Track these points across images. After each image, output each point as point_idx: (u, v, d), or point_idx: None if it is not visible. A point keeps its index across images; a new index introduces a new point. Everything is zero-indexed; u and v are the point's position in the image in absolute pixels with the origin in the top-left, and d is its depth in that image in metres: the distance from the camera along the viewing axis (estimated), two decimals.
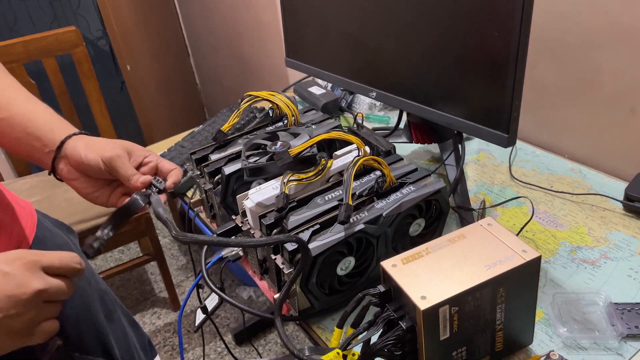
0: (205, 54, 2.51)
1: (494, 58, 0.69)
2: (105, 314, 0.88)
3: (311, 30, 1.04)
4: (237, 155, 0.89)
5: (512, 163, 1.02)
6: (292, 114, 0.93)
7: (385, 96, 0.92)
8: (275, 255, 0.71)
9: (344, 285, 0.73)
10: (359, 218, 0.70)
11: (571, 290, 0.72)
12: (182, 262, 2.11)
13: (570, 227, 0.84)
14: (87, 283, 0.85)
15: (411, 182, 0.76)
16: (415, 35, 0.81)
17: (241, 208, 0.79)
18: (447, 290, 0.55)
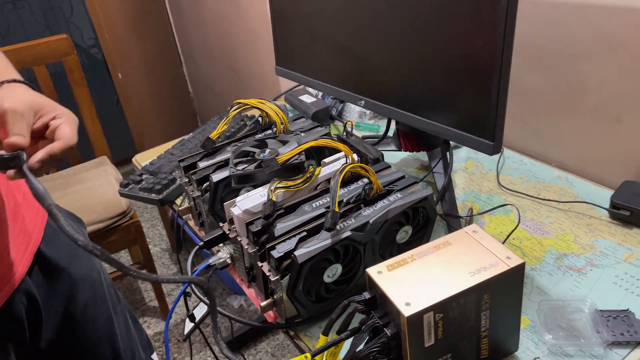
0: (198, 63, 2.52)
1: (479, 67, 0.70)
2: (112, 305, 0.93)
3: (301, 39, 1.05)
4: (225, 162, 0.89)
5: (500, 171, 1.02)
6: (281, 122, 0.93)
7: (374, 104, 0.93)
8: (262, 262, 0.71)
9: (331, 292, 0.73)
10: (345, 225, 0.71)
11: (557, 298, 0.73)
12: (173, 271, 2.10)
13: (557, 235, 0.84)
14: (98, 273, 0.91)
15: (398, 189, 0.76)
16: (403, 45, 0.82)
17: (228, 215, 0.79)
18: (432, 296, 0.55)
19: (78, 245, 0.49)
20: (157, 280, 0.54)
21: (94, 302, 0.87)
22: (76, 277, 0.84)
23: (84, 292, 0.84)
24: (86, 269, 0.87)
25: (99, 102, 1.85)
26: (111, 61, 2.32)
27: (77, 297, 0.83)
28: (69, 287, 0.82)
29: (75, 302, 0.83)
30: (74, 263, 0.84)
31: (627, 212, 0.84)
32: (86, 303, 0.85)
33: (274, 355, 1.68)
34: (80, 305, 0.84)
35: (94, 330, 0.87)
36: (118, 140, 2.56)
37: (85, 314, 0.85)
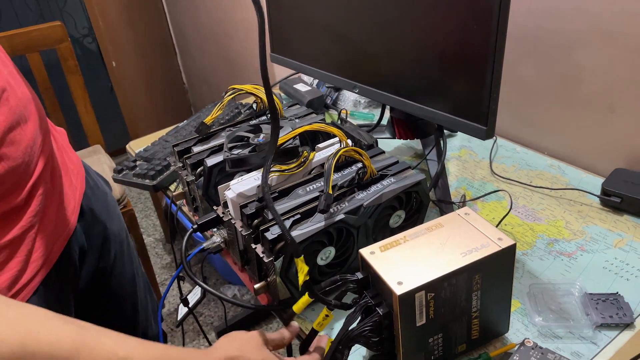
0: (193, 53, 2.51)
1: (473, 51, 0.70)
2: (135, 266, 1.00)
3: (296, 25, 1.05)
4: (219, 147, 0.89)
5: (493, 159, 1.03)
6: None
7: (368, 90, 0.93)
8: (255, 244, 0.71)
9: (325, 275, 0.74)
10: (339, 208, 0.71)
11: (547, 281, 0.74)
12: (167, 261, 2.10)
13: (548, 221, 0.85)
14: (126, 234, 0.97)
15: (392, 174, 0.77)
16: (398, 30, 0.82)
17: (222, 199, 0.79)
18: (424, 276, 0.56)
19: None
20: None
21: (122, 259, 0.94)
22: (110, 232, 0.90)
23: (115, 248, 0.91)
24: (118, 227, 0.93)
25: (92, 92, 1.84)
26: (105, 49, 2.31)
27: (109, 251, 0.90)
28: (103, 240, 0.88)
29: (107, 256, 0.89)
30: (110, 219, 0.90)
31: (618, 199, 0.85)
32: (116, 258, 0.92)
33: None
34: (111, 260, 0.90)
35: (120, 285, 0.94)
36: (112, 131, 2.55)
37: (114, 269, 0.91)
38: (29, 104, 0.69)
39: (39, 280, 0.69)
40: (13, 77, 0.67)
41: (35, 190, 0.68)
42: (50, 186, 0.73)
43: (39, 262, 0.68)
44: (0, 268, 0.63)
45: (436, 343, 0.60)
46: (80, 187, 0.84)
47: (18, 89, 0.67)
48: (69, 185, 0.79)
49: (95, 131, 1.84)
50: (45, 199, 0.70)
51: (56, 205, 0.74)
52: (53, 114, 1.76)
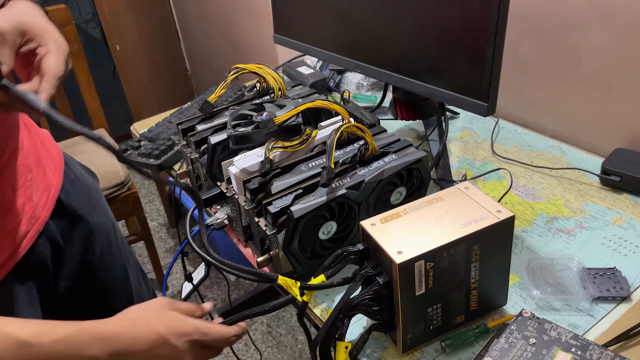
0: (196, 38, 2.51)
1: (475, 28, 0.71)
2: (125, 257, 0.97)
3: (299, 5, 1.05)
4: (223, 125, 0.90)
5: (495, 140, 1.04)
6: (279, 87, 0.94)
7: (370, 70, 0.94)
8: (258, 218, 0.72)
9: (326, 250, 0.75)
10: (341, 184, 0.72)
11: (546, 257, 0.75)
12: (170, 245, 2.12)
13: (548, 200, 0.86)
14: (112, 225, 0.95)
15: (393, 151, 0.78)
16: (400, 8, 0.83)
17: (226, 174, 0.80)
18: (423, 246, 0.57)
19: (84, 135, 0.51)
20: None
21: (110, 251, 0.91)
22: (93, 226, 0.87)
23: (100, 241, 0.88)
24: (103, 218, 0.90)
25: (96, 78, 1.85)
26: (109, 33, 2.31)
27: (94, 244, 0.87)
28: (86, 235, 0.86)
29: (92, 250, 0.87)
30: (92, 212, 0.87)
31: (617, 178, 0.85)
32: (102, 251, 0.89)
33: (269, 326, 1.71)
34: (97, 253, 0.88)
35: (110, 278, 0.91)
36: (115, 117, 2.56)
37: (102, 262, 0.89)
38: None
39: (1, 276, 0.67)
40: None
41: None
42: (14, 182, 0.71)
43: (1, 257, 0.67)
44: None
45: (435, 313, 0.61)
46: (57, 183, 0.82)
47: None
48: (41, 180, 0.77)
49: (100, 115, 1.86)
50: (5, 195, 0.69)
51: (22, 200, 0.71)
52: (58, 99, 1.77)
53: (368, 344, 0.65)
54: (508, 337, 0.58)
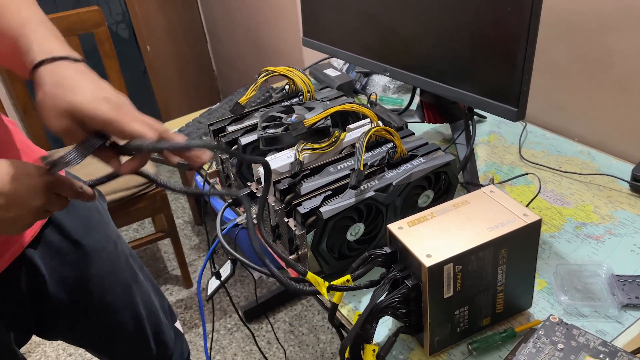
0: (223, 40, 2.54)
1: (506, 32, 0.71)
2: (131, 275, 0.94)
3: (328, 9, 1.07)
4: (253, 127, 0.91)
5: (522, 145, 1.03)
6: (307, 90, 0.96)
7: (399, 73, 0.94)
8: (288, 218, 0.74)
9: (353, 251, 0.76)
10: (369, 186, 0.73)
11: (574, 262, 0.74)
12: (195, 242, 2.16)
13: (577, 205, 0.86)
14: (114, 246, 0.91)
15: (422, 154, 0.79)
16: (430, 12, 0.84)
17: (256, 175, 0.82)
18: (452, 249, 0.57)
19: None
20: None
21: (111, 273, 0.89)
22: (89, 249, 0.84)
23: (99, 264, 0.86)
24: (102, 241, 0.87)
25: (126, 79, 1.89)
26: (140, 34, 2.36)
27: (90, 269, 0.85)
28: (81, 259, 0.83)
29: (88, 274, 0.84)
30: (88, 235, 0.85)
31: None
32: (102, 275, 0.87)
33: (292, 325, 1.72)
34: (95, 277, 0.85)
35: (112, 301, 0.90)
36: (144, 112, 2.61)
37: (102, 285, 0.87)
38: None
39: None
40: None
41: None
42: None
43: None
44: None
45: (462, 315, 0.62)
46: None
47: None
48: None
49: None
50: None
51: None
52: None
53: (395, 346, 0.66)
54: (536, 342, 0.58)
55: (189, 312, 1.84)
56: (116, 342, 0.95)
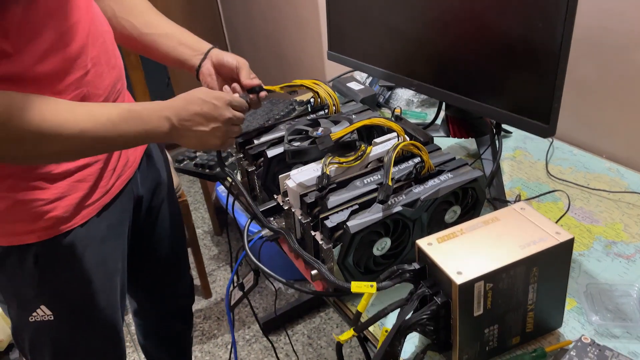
0: (245, 50, 2.57)
1: (537, 49, 0.71)
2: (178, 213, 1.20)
3: (354, 23, 1.07)
4: (279, 140, 0.92)
5: (549, 161, 1.02)
6: (333, 103, 0.96)
7: (426, 87, 0.94)
8: (314, 231, 0.74)
9: (379, 266, 0.76)
10: (397, 200, 0.73)
11: (605, 282, 0.73)
12: (214, 252, 2.16)
13: (606, 223, 0.84)
14: (171, 182, 1.15)
15: (449, 169, 0.78)
16: (459, 28, 0.84)
17: (282, 188, 0.82)
18: (483, 266, 0.57)
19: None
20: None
21: (168, 202, 1.11)
22: (162, 179, 1.08)
23: (163, 192, 1.08)
24: (168, 174, 1.12)
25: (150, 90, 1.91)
26: None
27: (160, 194, 1.07)
28: (156, 185, 1.06)
29: (157, 198, 1.07)
30: (163, 167, 1.09)
31: None
32: (162, 201, 1.09)
33: (310, 337, 1.72)
34: (159, 202, 1.08)
35: (164, 227, 1.11)
36: None
37: (160, 210, 1.08)
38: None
39: (102, 204, 0.87)
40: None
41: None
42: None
43: (102, 190, 0.87)
44: (74, 187, 0.81)
45: (492, 334, 0.61)
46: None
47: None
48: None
49: None
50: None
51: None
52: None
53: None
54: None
55: (207, 322, 1.84)
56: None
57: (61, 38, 0.73)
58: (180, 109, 0.77)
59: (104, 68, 0.83)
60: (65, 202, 0.81)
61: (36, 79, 0.71)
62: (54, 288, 0.87)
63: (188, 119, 0.77)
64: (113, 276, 0.95)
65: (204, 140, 0.79)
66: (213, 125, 0.78)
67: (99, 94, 0.82)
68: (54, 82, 0.74)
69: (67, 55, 0.74)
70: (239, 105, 0.83)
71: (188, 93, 0.80)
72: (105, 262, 0.92)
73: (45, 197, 0.79)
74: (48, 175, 0.79)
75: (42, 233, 0.80)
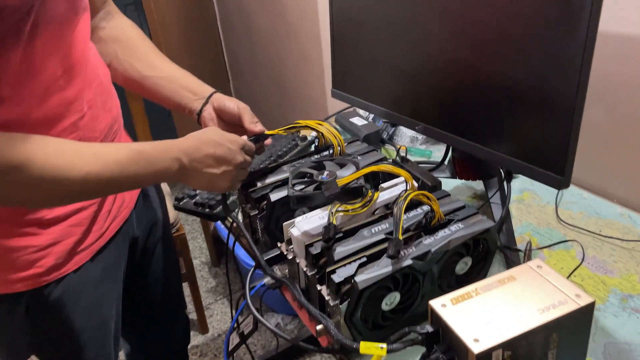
0: (246, 80, 2.57)
1: (552, 99, 0.69)
2: (173, 254, 1.17)
3: (360, 62, 1.06)
4: (282, 182, 0.89)
5: (559, 204, 1.00)
6: (338, 144, 0.94)
7: (431, 130, 0.92)
8: (320, 285, 0.70)
9: (388, 320, 0.72)
10: (406, 253, 0.70)
11: (624, 341, 0.70)
12: (212, 285, 2.12)
13: (621, 275, 0.81)
14: (168, 221, 1.12)
15: (459, 219, 0.75)
16: (469, 74, 0.82)
17: (287, 235, 0.79)
18: (501, 333, 0.54)
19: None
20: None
21: (163, 243, 1.08)
22: (157, 219, 1.06)
23: (158, 233, 1.05)
24: (164, 214, 1.10)
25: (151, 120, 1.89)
26: None
27: (155, 234, 1.05)
28: (152, 225, 1.04)
29: (153, 238, 1.04)
30: (159, 206, 1.07)
31: None
32: (157, 242, 1.05)
33: None
34: (154, 242, 1.05)
35: (159, 268, 1.08)
36: None
37: (155, 251, 1.06)
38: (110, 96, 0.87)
39: (97, 248, 0.84)
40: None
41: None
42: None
43: (96, 234, 0.84)
44: (68, 232, 0.78)
45: None
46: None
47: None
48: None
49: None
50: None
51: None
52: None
53: None
54: None
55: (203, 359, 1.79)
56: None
57: (57, 81, 0.71)
58: (193, 149, 0.75)
59: (100, 111, 0.80)
60: (59, 248, 0.78)
61: (31, 124, 0.69)
62: (46, 337, 0.83)
63: (200, 160, 0.75)
64: (107, 322, 0.92)
65: (213, 182, 0.77)
66: (225, 169, 0.77)
67: (95, 136, 0.79)
68: (49, 126, 0.71)
69: (63, 99, 0.72)
70: (250, 150, 0.82)
71: (200, 133, 0.78)
72: (100, 308, 0.89)
73: (37, 244, 0.76)
74: (41, 221, 0.76)
75: (33, 281, 0.77)
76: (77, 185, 0.66)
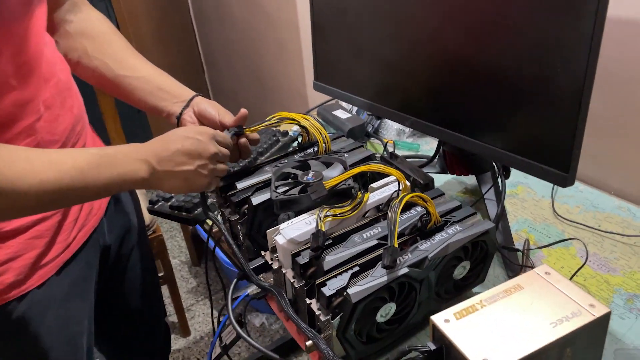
0: (222, 72, 2.48)
1: (556, 91, 0.64)
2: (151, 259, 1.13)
3: (343, 53, 1.00)
4: (264, 183, 0.83)
5: (555, 198, 0.96)
6: (323, 141, 0.88)
7: (423, 125, 0.87)
8: (310, 299, 0.65)
9: (382, 332, 0.67)
10: (402, 260, 0.64)
11: (633, 346, 0.66)
12: (192, 285, 2.05)
13: (624, 273, 0.78)
14: (143, 226, 1.06)
15: (456, 220, 0.70)
16: (462, 61, 0.76)
17: (271, 243, 0.73)
18: (512, 352, 0.49)
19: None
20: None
21: (138, 249, 1.02)
22: (131, 224, 1.00)
23: (133, 239, 1.00)
24: (139, 219, 1.04)
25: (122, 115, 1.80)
26: None
27: (129, 241, 0.99)
28: (126, 231, 0.98)
29: (127, 245, 0.99)
30: (133, 212, 1.01)
31: None
32: (132, 248, 1.00)
33: None
34: (129, 249, 0.99)
35: (135, 274, 1.02)
36: None
37: (130, 257, 1.00)
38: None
39: (62, 261, 0.78)
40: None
41: None
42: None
43: (61, 246, 0.77)
44: (28, 245, 0.72)
45: None
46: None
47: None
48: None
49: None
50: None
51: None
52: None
53: None
54: None
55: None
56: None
57: (8, 80, 0.63)
58: (160, 148, 0.69)
59: (59, 111, 0.73)
60: (18, 263, 0.71)
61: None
62: (11, 356, 0.77)
63: (169, 158, 0.68)
64: (77, 338, 0.85)
65: (189, 181, 0.71)
66: (198, 163, 0.70)
67: (55, 139, 0.72)
68: (1, 130, 0.64)
69: (16, 99, 0.64)
70: (224, 140, 0.75)
71: (166, 133, 0.72)
72: (69, 323, 0.82)
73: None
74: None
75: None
76: (32, 196, 0.59)
